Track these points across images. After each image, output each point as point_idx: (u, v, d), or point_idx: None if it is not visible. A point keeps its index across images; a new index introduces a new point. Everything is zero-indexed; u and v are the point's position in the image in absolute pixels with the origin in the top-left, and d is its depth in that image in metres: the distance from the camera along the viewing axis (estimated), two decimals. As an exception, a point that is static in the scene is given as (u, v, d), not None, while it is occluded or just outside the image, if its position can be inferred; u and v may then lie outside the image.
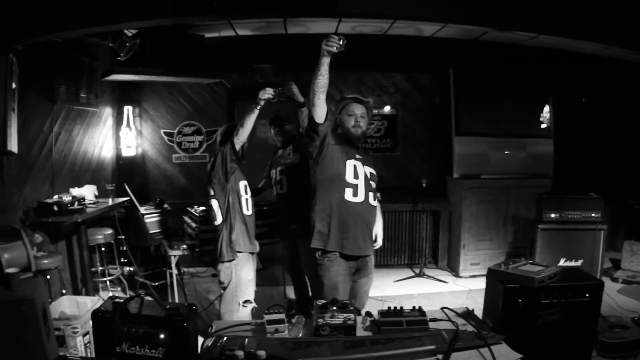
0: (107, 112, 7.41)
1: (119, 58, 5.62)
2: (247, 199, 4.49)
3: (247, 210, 4.48)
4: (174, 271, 5.47)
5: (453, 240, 7.56)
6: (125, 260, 6.60)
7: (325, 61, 3.63)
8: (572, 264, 6.15)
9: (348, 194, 3.90)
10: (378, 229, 4.15)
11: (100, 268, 6.32)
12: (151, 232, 6.01)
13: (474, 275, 7.23)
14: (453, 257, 7.52)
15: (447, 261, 7.74)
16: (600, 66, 6.85)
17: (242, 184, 4.48)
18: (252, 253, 4.50)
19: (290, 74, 7.68)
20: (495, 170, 7.33)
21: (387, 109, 8.10)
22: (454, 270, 7.45)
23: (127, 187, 6.02)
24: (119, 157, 7.75)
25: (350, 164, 3.92)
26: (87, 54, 6.39)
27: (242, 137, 4.23)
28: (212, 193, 4.38)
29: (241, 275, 4.37)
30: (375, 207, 4.06)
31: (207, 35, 6.86)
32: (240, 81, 7.94)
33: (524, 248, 7.04)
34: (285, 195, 5.16)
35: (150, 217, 6.10)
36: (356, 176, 3.90)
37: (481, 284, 6.70)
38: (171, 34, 6.33)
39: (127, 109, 7.68)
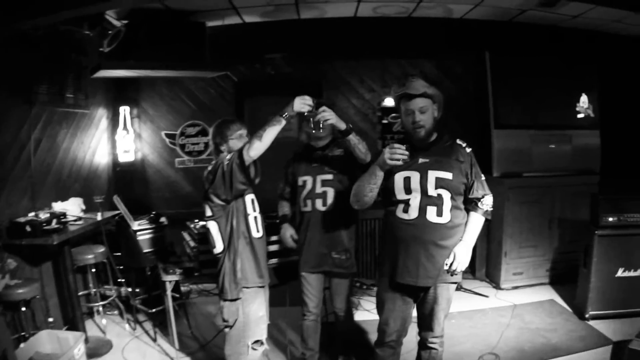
0: (100, 114, 6.64)
1: (101, 49, 4.83)
2: (255, 217, 3.65)
3: (257, 232, 3.64)
4: (169, 300, 4.67)
5: (493, 248, 6.73)
6: (122, 280, 5.84)
7: (380, 174, 3.26)
8: (631, 274, 5.32)
9: (399, 211, 3.29)
10: (459, 248, 3.31)
11: (94, 290, 5.57)
12: (145, 251, 5.21)
13: (517, 286, 6.44)
14: (493, 267, 6.68)
15: (486, 271, 6.92)
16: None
17: (249, 198, 3.64)
18: (262, 286, 3.69)
19: (305, 64, 6.93)
20: (538, 166, 6.48)
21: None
22: (494, 282, 6.62)
23: (116, 200, 5.24)
24: (115, 164, 6.97)
25: (399, 177, 3.28)
26: (75, 49, 5.58)
27: (256, 153, 3.34)
28: (209, 213, 3.55)
29: (249, 313, 3.58)
30: (444, 224, 3.27)
31: (210, 23, 6.14)
32: (249, 74, 7.11)
33: (570, 254, 6.31)
34: (329, 214, 4.03)
35: (144, 234, 5.29)
36: (408, 189, 3.24)
37: (525, 297, 6.13)
38: (167, 20, 5.60)
39: (124, 110, 6.89)
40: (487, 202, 3.38)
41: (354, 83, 7.13)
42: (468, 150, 3.43)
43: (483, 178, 3.43)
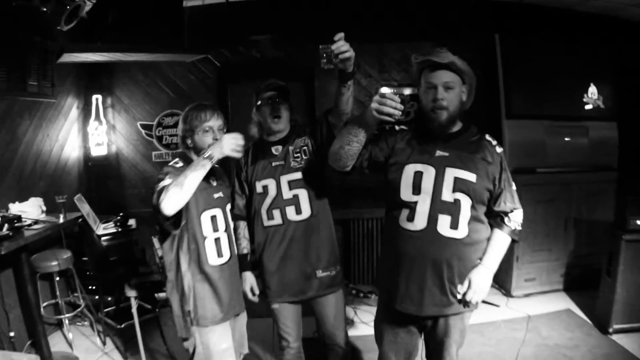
0: (70, 103, 6.00)
1: (58, 28, 4.19)
2: (217, 239, 2.94)
3: (219, 257, 2.95)
4: (136, 318, 4.08)
5: (504, 251, 6.08)
6: (93, 288, 5.25)
7: (370, 124, 2.55)
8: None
9: (402, 218, 2.59)
10: (477, 274, 2.65)
11: (61, 300, 5.00)
12: (111, 258, 4.59)
13: (529, 293, 5.88)
14: (503, 272, 6.02)
15: (495, 276, 6.24)
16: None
17: (207, 215, 2.92)
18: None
19: (294, 47, 6.32)
20: (554, 161, 5.86)
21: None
22: (504, 288, 6.04)
23: (78, 200, 4.64)
24: (87, 158, 6.35)
25: (409, 170, 2.61)
26: (38, 31, 4.89)
27: (172, 207, 2.56)
28: (156, 246, 2.91)
29: (209, 345, 2.94)
30: (460, 240, 2.59)
31: (189, 3, 5.59)
32: (232, 58, 6.49)
33: (587, 257, 5.86)
34: (308, 223, 3.23)
35: (109, 240, 4.68)
36: (417, 188, 2.57)
37: (539, 306, 5.45)
38: None
39: (96, 99, 6.26)
40: (517, 219, 2.73)
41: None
42: (499, 150, 2.73)
43: (514, 188, 2.76)
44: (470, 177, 2.58)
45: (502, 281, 6.13)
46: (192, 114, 2.92)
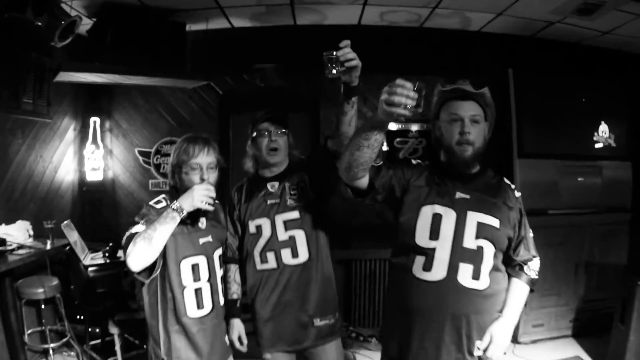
0: (66, 125, 5.85)
1: (52, 44, 4.04)
2: (198, 290, 2.68)
3: (200, 308, 2.67)
4: (119, 356, 3.83)
5: (510, 296, 5.83)
6: (81, 317, 5.01)
7: (381, 121, 2.13)
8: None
9: (417, 266, 2.36)
10: (497, 327, 2.39)
11: (47, 328, 4.67)
12: (98, 290, 4.36)
13: (537, 339, 5.59)
14: (510, 317, 5.77)
15: (502, 322, 6.02)
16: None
17: (187, 264, 2.64)
18: None
19: (299, 77, 6.18)
20: (566, 202, 5.63)
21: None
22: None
23: (66, 227, 4.44)
24: (82, 183, 6.15)
25: (427, 211, 2.38)
26: (34, 47, 4.76)
27: (138, 263, 2.37)
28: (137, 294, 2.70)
29: None
30: (481, 291, 2.34)
31: (193, 27, 5.48)
32: (235, 86, 6.32)
33: (597, 302, 5.62)
34: (305, 267, 2.97)
35: (97, 271, 4.45)
36: (435, 233, 2.32)
37: (547, 353, 5.22)
38: (142, 18, 4.96)
39: (94, 122, 6.08)
40: (535, 268, 2.53)
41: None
42: (517, 194, 2.54)
43: (531, 235, 2.55)
44: (494, 222, 2.37)
45: (508, 327, 5.81)
46: (182, 146, 2.67)
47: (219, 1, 5.02)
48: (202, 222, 2.73)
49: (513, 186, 2.57)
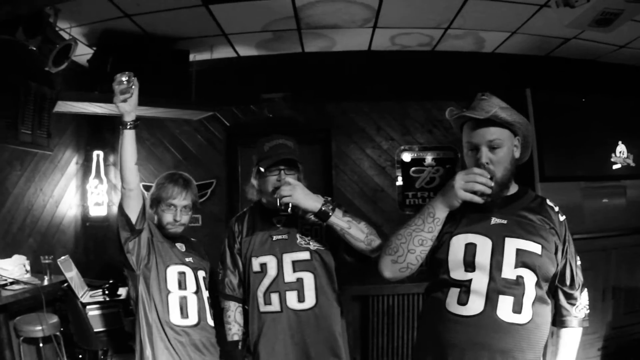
0: (68, 158, 5.70)
1: (46, 69, 3.90)
2: (183, 298, 2.69)
3: (182, 317, 2.67)
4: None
5: (536, 328, 5.56)
6: (81, 357, 4.79)
7: (440, 217, 2.11)
8: None
9: (452, 300, 2.08)
10: None
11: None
12: (96, 330, 4.18)
13: (564, 372, 5.27)
14: (535, 349, 5.50)
15: (527, 353, 5.75)
16: None
17: (174, 271, 2.71)
18: None
19: (309, 107, 6.02)
20: (591, 226, 5.36)
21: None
22: (537, 365, 5.45)
23: (62, 263, 4.26)
24: (85, 218, 5.99)
25: (459, 241, 2.11)
26: (34, 77, 4.68)
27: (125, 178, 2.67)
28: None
29: None
30: (523, 325, 2.04)
31: (198, 57, 5.36)
32: (243, 117, 6.16)
33: (626, 328, 5.46)
34: (309, 315, 2.68)
35: (95, 309, 4.29)
36: (470, 265, 2.07)
37: None
38: (144, 47, 4.90)
39: (97, 155, 5.95)
40: (585, 302, 2.30)
41: (368, 130, 6.12)
42: (562, 218, 2.25)
43: (579, 262, 2.29)
44: (535, 248, 2.08)
45: (534, 359, 5.53)
46: (163, 183, 2.87)
47: (223, 28, 4.93)
48: (182, 246, 2.85)
49: (557, 208, 2.28)
